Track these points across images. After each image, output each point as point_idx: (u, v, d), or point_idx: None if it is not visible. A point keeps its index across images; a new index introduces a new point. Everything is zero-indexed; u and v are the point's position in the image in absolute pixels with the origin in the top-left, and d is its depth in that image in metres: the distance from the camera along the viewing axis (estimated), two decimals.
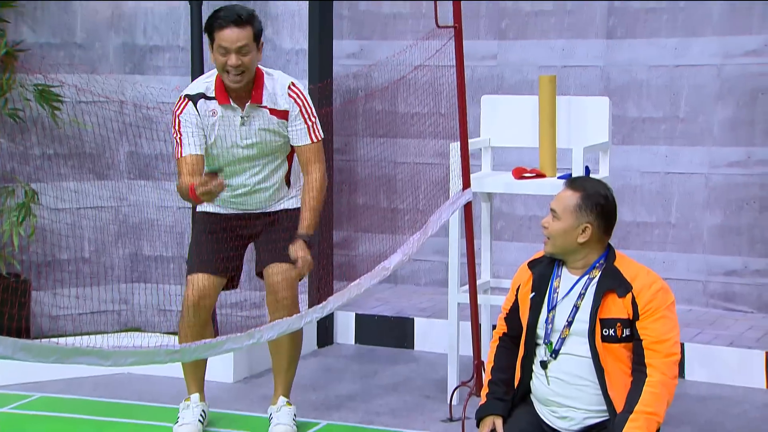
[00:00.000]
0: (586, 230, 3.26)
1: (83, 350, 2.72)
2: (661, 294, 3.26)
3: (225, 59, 3.70)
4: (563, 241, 3.27)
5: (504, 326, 3.48)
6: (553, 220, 3.29)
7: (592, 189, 3.30)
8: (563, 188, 3.34)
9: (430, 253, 5.70)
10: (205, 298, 3.91)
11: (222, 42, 3.69)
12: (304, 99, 3.87)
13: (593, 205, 3.27)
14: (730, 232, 5.27)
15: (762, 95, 5.17)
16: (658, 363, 3.20)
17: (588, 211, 3.26)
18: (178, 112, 3.79)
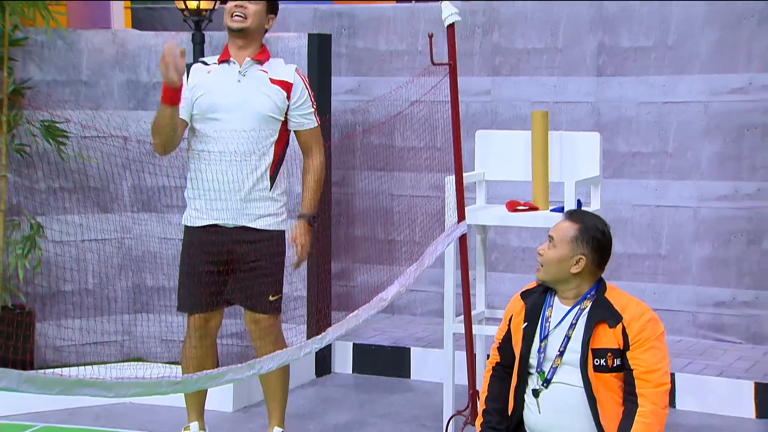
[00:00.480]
0: (580, 261, 3.27)
1: (86, 382, 2.70)
2: (651, 325, 3.26)
3: (233, 3, 3.77)
4: (556, 270, 3.28)
5: (497, 356, 3.47)
6: (550, 247, 3.30)
7: (590, 222, 3.32)
8: (563, 218, 3.35)
9: (426, 283, 5.70)
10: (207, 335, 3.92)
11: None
12: (308, 82, 3.92)
13: (590, 238, 3.28)
14: (719, 264, 5.28)
15: (748, 131, 5.20)
16: (649, 393, 3.19)
17: (584, 243, 3.27)
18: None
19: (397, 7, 5.92)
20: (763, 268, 5.17)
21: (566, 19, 5.49)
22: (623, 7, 5.39)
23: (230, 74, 3.82)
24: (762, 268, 5.18)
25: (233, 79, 3.81)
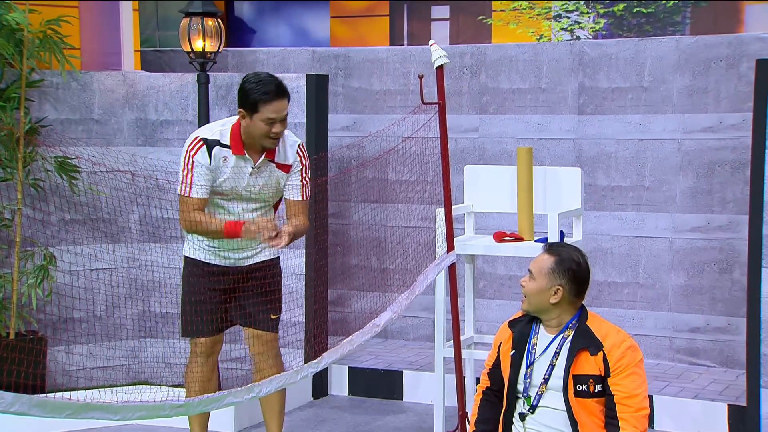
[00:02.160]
0: (558, 292, 3.27)
1: (93, 406, 2.69)
2: (631, 352, 3.25)
3: (270, 128, 3.71)
4: (537, 301, 3.28)
5: (487, 381, 3.46)
6: (530, 279, 3.30)
7: (566, 255, 3.32)
8: (542, 251, 3.35)
9: (418, 310, 5.68)
10: (211, 354, 3.94)
11: (270, 114, 3.68)
12: (307, 160, 3.91)
13: (565, 270, 3.28)
14: (693, 292, 5.28)
15: (718, 167, 5.22)
16: (629, 417, 3.18)
17: (560, 274, 3.27)
18: (192, 152, 3.73)
19: (391, 49, 5.95)
20: (734, 295, 5.17)
21: (549, 61, 5.53)
22: (602, 51, 5.43)
23: (245, 168, 3.79)
24: (733, 295, 5.17)
25: (247, 172, 3.79)
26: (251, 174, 3.80)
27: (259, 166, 3.79)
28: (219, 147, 3.76)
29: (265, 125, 3.70)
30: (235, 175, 3.78)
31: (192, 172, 3.74)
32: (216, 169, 3.78)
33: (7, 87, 4.83)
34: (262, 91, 3.68)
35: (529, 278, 3.30)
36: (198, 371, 3.88)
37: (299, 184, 3.87)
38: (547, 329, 3.32)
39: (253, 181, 3.81)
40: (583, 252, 3.39)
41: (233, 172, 3.77)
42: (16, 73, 4.85)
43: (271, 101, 3.68)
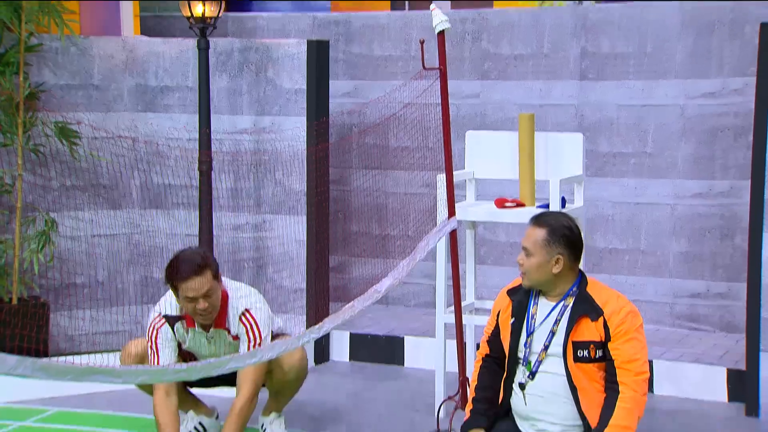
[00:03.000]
0: (559, 261, 3.27)
1: (96, 369, 2.70)
2: (631, 317, 3.26)
3: (193, 305, 3.65)
4: (539, 275, 3.27)
5: (486, 348, 3.48)
6: (527, 256, 3.29)
7: (556, 223, 3.31)
8: (529, 226, 3.34)
9: (419, 276, 5.69)
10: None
11: (188, 293, 3.62)
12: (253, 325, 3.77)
13: (560, 237, 3.27)
14: (694, 258, 5.28)
15: (720, 133, 5.20)
16: (629, 381, 3.19)
17: (556, 243, 3.27)
18: (157, 326, 3.75)
19: (391, 15, 5.90)
20: (735, 261, 5.18)
21: (551, 26, 5.48)
22: (604, 16, 5.38)
23: (201, 338, 3.80)
24: (734, 261, 5.18)
25: (204, 342, 3.81)
26: (209, 343, 3.80)
27: (212, 336, 3.79)
28: (179, 322, 3.78)
29: (189, 303, 3.65)
30: (195, 343, 3.81)
31: (157, 345, 3.74)
32: (180, 337, 3.81)
33: (5, 52, 4.81)
34: (178, 270, 3.62)
35: (525, 255, 3.29)
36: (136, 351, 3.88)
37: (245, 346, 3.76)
38: (548, 297, 3.32)
39: (213, 349, 3.80)
40: (569, 216, 3.39)
41: (192, 342, 3.81)
42: (14, 38, 4.82)
43: (185, 281, 3.60)
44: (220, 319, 3.76)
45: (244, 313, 3.77)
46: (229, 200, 5.30)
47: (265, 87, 5.27)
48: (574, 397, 3.22)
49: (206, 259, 3.66)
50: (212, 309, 3.67)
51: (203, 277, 3.60)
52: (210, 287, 3.62)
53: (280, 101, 5.27)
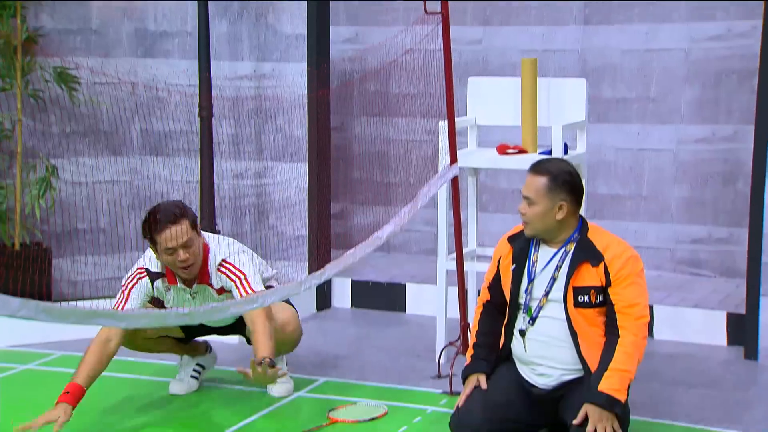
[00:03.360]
0: (562, 207, 3.27)
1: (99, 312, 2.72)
2: (632, 262, 3.27)
3: (173, 257, 3.54)
4: (543, 223, 3.27)
5: (487, 294, 3.49)
6: (529, 205, 3.28)
7: (557, 169, 3.30)
8: (529, 174, 3.32)
9: (420, 223, 5.70)
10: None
11: (167, 243, 3.51)
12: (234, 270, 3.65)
13: (562, 183, 3.27)
14: (696, 203, 5.29)
15: (725, 77, 5.16)
16: (629, 325, 3.21)
17: (558, 190, 3.26)
18: (132, 282, 3.65)
19: None
20: (737, 206, 5.18)
21: None
22: None
23: (185, 295, 3.70)
24: (736, 206, 5.18)
25: (188, 298, 3.70)
26: (194, 299, 3.69)
27: (196, 291, 3.69)
28: (159, 279, 3.68)
29: (169, 256, 3.54)
30: (180, 300, 3.71)
31: (127, 296, 3.63)
32: (162, 294, 3.71)
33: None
34: (154, 220, 3.52)
35: (527, 204, 3.28)
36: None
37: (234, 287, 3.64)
38: (549, 244, 3.33)
39: (198, 305, 3.67)
40: (568, 161, 3.38)
41: (176, 300, 3.71)
42: None
43: (163, 230, 3.50)
44: (203, 274, 3.65)
45: (221, 263, 3.65)
46: (230, 147, 5.29)
47: (266, 32, 5.22)
48: (574, 342, 3.25)
49: (183, 209, 3.57)
50: (193, 260, 3.56)
51: (180, 225, 3.51)
52: (189, 237, 3.53)
53: (280, 47, 5.22)
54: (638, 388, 3.97)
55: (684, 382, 4.14)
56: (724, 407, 3.84)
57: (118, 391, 3.96)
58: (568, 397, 3.30)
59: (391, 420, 3.66)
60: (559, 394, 3.34)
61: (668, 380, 4.15)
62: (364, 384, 4.09)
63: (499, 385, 3.39)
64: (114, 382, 4.00)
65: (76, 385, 3.48)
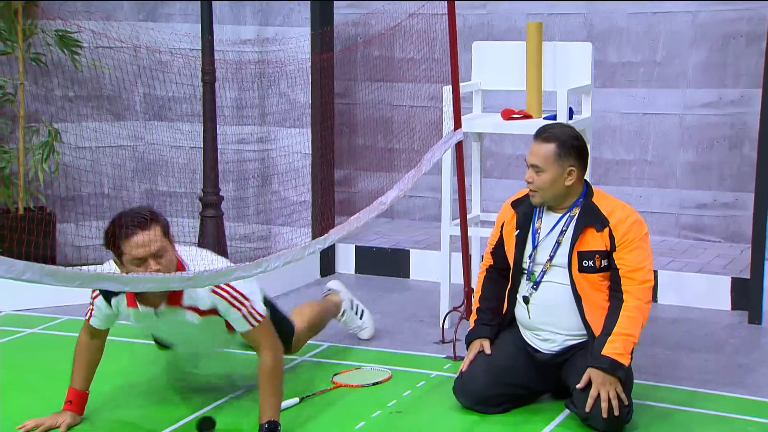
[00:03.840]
0: (572, 173, 3.26)
1: (104, 276, 2.72)
2: (636, 226, 3.27)
3: (142, 269, 3.02)
4: (553, 190, 3.27)
5: (490, 259, 3.50)
6: (537, 173, 3.26)
7: (563, 134, 3.29)
8: (536, 143, 3.30)
9: (425, 189, 5.70)
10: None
11: (134, 252, 3.01)
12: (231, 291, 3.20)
13: (569, 148, 3.27)
14: (702, 168, 5.27)
15: (733, 40, 5.12)
16: (633, 289, 3.22)
17: (567, 156, 3.26)
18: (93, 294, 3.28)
19: None
20: (743, 171, 5.17)
21: None
22: None
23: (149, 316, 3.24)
24: (742, 171, 5.17)
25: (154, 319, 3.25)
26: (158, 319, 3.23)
27: (163, 313, 3.21)
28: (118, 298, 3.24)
29: (136, 267, 3.02)
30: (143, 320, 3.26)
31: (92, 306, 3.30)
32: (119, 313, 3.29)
33: None
34: (117, 225, 3.03)
35: (535, 172, 3.27)
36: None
37: (238, 315, 3.21)
38: (554, 210, 3.33)
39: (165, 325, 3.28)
40: (571, 125, 3.37)
41: (138, 318, 3.26)
42: None
43: (131, 236, 3.00)
44: (175, 295, 3.17)
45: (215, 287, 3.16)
46: (233, 112, 5.28)
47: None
48: (578, 307, 3.26)
49: (153, 213, 3.11)
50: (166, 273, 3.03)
51: (151, 231, 3.03)
52: (161, 245, 3.04)
53: (283, 11, 5.19)
54: (641, 352, 3.99)
55: (687, 346, 4.15)
56: (727, 371, 3.86)
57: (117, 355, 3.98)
58: (572, 361, 3.32)
59: (395, 384, 3.68)
60: (562, 359, 3.35)
61: (671, 344, 4.17)
62: (368, 349, 4.11)
63: (503, 350, 3.41)
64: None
65: (77, 391, 3.30)
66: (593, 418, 3.20)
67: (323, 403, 3.48)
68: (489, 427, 3.32)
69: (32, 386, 3.69)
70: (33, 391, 3.64)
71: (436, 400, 3.52)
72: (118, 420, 3.41)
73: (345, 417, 3.39)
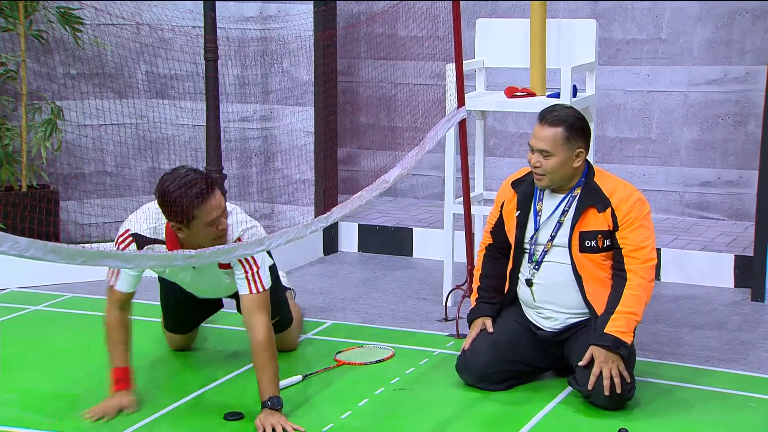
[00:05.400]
0: (580, 155, 3.25)
1: (107, 253, 2.72)
2: (638, 205, 3.26)
3: (213, 228, 3.19)
4: (561, 173, 3.25)
5: (490, 238, 3.50)
6: (545, 158, 3.23)
7: (568, 117, 3.25)
8: (541, 127, 3.24)
9: (428, 168, 5.69)
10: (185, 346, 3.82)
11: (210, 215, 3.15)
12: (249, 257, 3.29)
13: (577, 129, 3.24)
14: (706, 146, 5.26)
15: (739, 16, 5.09)
16: (636, 268, 3.22)
17: (575, 138, 3.23)
18: (121, 247, 3.30)
19: None
20: (747, 148, 5.15)
21: None
22: None
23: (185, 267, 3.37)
24: (746, 148, 5.16)
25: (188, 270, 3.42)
26: (193, 269, 3.39)
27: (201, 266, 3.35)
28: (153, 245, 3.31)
29: (209, 228, 3.17)
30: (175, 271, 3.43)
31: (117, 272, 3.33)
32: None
33: None
34: (192, 195, 3.12)
35: (542, 157, 3.23)
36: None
37: (242, 276, 3.30)
38: (556, 190, 3.32)
39: (195, 277, 3.45)
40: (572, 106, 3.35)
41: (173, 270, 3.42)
42: None
43: (205, 202, 3.13)
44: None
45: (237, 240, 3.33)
46: (236, 90, 5.27)
47: None
48: (579, 286, 3.26)
49: (204, 176, 3.23)
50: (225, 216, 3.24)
51: (216, 193, 3.20)
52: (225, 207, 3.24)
53: None
54: (644, 329, 4.00)
55: (690, 323, 4.16)
56: (729, 348, 3.87)
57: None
58: (574, 339, 3.33)
59: (398, 362, 3.70)
60: (565, 337, 3.36)
61: (674, 321, 4.18)
62: (371, 327, 4.12)
63: (506, 328, 3.41)
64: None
65: (121, 369, 3.32)
66: (595, 395, 3.21)
67: (326, 380, 3.50)
68: (492, 404, 3.34)
69: (36, 363, 3.71)
70: (36, 368, 3.66)
71: (439, 377, 3.54)
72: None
73: (348, 395, 3.40)
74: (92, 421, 3.20)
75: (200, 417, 3.25)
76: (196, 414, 3.28)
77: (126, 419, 3.21)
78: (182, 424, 3.22)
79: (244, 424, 3.19)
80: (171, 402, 3.35)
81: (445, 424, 3.12)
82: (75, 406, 3.31)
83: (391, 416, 3.25)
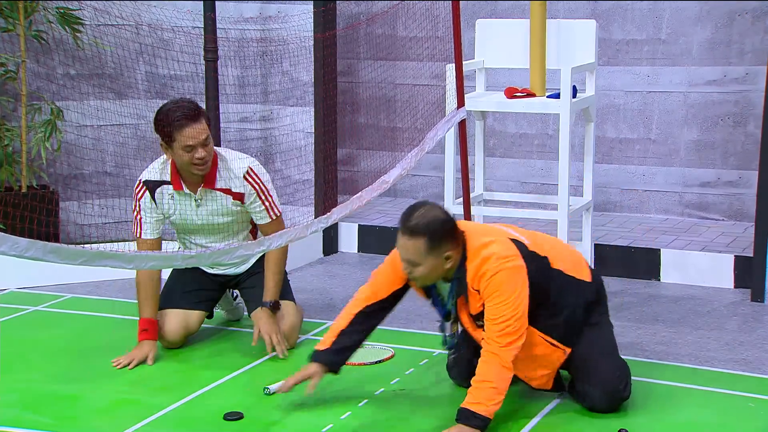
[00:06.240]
0: (450, 257, 3.07)
1: (107, 254, 2.73)
2: (496, 278, 3.05)
3: (191, 155, 3.53)
4: (435, 276, 3.12)
5: (375, 296, 3.35)
6: (414, 267, 3.08)
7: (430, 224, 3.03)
8: (402, 237, 3.07)
9: (427, 168, 5.69)
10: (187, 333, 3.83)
11: (186, 141, 3.51)
12: (261, 182, 3.70)
13: (441, 237, 3.04)
14: (706, 146, 5.26)
15: (739, 17, 5.10)
16: (492, 336, 3.05)
17: (440, 245, 3.04)
18: (138, 196, 3.68)
19: None
20: (747, 149, 5.16)
21: None
22: None
23: (189, 201, 3.69)
24: (746, 149, 5.16)
25: (192, 204, 3.70)
26: (197, 206, 3.69)
27: (200, 196, 3.67)
28: (162, 186, 3.67)
29: (186, 153, 3.53)
30: (182, 209, 3.69)
31: (140, 213, 3.67)
32: (163, 207, 3.69)
33: None
34: (173, 117, 3.50)
35: (410, 265, 3.08)
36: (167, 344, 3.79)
37: (262, 208, 3.71)
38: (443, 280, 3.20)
39: (201, 212, 3.70)
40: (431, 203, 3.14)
41: (180, 207, 3.69)
42: None
43: (185, 126, 3.50)
44: (210, 178, 3.64)
45: (247, 171, 3.66)
46: (235, 90, 5.27)
47: None
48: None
49: (198, 107, 3.58)
50: (208, 158, 3.56)
51: (200, 123, 3.52)
52: (207, 134, 3.54)
53: None
54: (644, 329, 4.01)
55: (690, 323, 4.16)
56: (729, 348, 3.87)
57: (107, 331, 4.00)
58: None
59: (398, 363, 3.70)
60: None
61: (674, 322, 4.18)
62: None
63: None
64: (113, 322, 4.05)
65: (148, 320, 3.67)
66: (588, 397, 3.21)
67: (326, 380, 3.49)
68: None
69: (36, 363, 3.71)
70: (36, 368, 3.66)
71: (439, 377, 3.54)
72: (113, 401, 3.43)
73: (348, 395, 3.41)
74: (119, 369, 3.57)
75: (200, 417, 3.25)
76: (196, 414, 3.28)
77: (126, 419, 3.21)
78: (182, 424, 3.21)
79: (244, 424, 3.19)
80: (171, 402, 3.35)
81: (445, 424, 3.12)
82: (75, 406, 3.31)
83: (391, 416, 3.26)
